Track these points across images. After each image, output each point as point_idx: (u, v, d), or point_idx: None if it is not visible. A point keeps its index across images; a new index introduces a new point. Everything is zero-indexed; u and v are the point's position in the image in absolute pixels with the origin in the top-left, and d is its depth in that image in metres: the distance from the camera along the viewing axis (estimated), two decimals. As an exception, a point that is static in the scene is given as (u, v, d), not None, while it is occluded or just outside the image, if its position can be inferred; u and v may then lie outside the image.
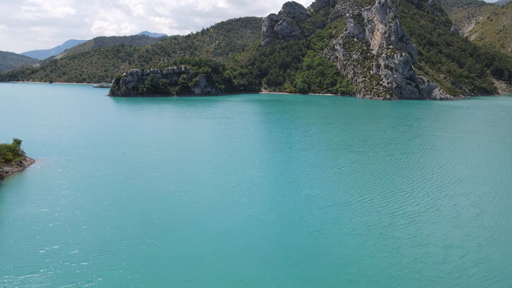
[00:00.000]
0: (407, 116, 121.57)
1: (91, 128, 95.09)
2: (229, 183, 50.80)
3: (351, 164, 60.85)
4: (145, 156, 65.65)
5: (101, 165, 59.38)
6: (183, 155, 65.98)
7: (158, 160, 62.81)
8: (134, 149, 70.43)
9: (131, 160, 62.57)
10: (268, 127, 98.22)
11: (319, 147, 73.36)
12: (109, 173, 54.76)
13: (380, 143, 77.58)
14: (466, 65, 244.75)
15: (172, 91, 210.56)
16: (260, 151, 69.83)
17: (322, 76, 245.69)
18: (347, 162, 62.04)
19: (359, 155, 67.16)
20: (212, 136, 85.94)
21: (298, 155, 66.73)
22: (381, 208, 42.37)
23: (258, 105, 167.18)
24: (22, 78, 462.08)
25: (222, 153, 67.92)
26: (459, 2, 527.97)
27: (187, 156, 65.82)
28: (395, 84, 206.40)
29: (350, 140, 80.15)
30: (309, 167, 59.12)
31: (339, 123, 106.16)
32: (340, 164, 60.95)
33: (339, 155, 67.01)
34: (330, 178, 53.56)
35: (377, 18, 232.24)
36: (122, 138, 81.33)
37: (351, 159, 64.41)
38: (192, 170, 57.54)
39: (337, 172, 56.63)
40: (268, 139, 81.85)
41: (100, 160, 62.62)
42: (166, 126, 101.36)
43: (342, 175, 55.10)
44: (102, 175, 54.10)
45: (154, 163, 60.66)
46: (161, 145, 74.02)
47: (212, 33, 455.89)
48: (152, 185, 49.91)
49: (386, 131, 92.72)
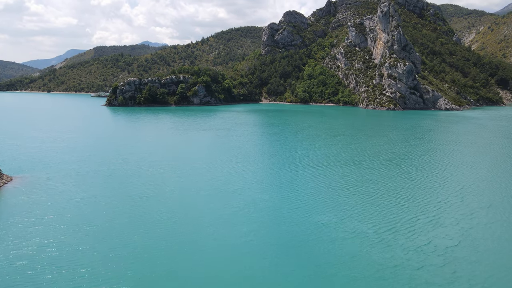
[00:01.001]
0: (416, 128, 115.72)
1: (81, 141, 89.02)
2: (227, 208, 44.52)
3: (363, 184, 54.64)
4: (135, 174, 59.45)
5: (85, 185, 53.14)
6: (176, 173, 59.77)
7: (149, 179, 56.57)
8: (125, 166, 64.26)
9: (119, 179, 56.33)
10: (270, 140, 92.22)
11: (326, 163, 67.23)
12: (92, 195, 48.48)
13: (392, 158, 71.50)
14: (471, 74, 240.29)
15: (170, 101, 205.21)
16: (263, 169, 63.66)
17: (324, 85, 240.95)
18: (359, 181, 55.83)
19: (372, 172, 60.99)
20: (210, 150, 79.83)
21: (304, 172, 60.54)
22: (406, 241, 36.05)
23: (258, 115, 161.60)
24: (20, 87, 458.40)
25: (220, 171, 61.74)
26: (459, 12, 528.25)
27: (181, 174, 59.62)
28: (398, 94, 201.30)
29: (360, 155, 74.07)
30: (318, 187, 52.89)
31: (345, 135, 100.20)
32: (351, 183, 54.72)
33: (349, 172, 60.83)
34: (342, 201, 47.31)
35: (379, 27, 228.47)
36: (113, 153, 75.21)
37: (363, 177, 58.23)
38: (186, 191, 51.30)
39: (349, 193, 50.39)
40: (270, 154, 75.75)
41: (85, 178, 56.41)
42: (162, 139, 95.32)
43: (355, 197, 48.86)
44: (84, 197, 47.82)
45: (144, 183, 54.42)
46: (154, 162, 67.87)
47: (212, 42, 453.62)
48: (139, 210, 43.62)
49: (396, 144, 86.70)
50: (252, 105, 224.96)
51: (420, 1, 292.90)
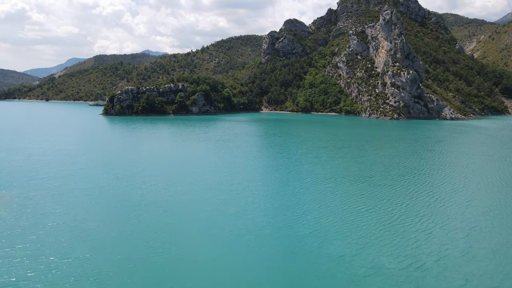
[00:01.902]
0: (424, 139, 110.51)
1: (72, 153, 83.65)
2: (226, 235, 39.01)
3: (378, 204, 49.16)
4: (126, 192, 53.96)
5: (68, 205, 47.65)
6: (171, 192, 54.29)
7: (140, 199, 51.06)
8: (115, 183, 58.80)
9: (107, 199, 50.84)
10: (273, 153, 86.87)
11: (334, 179, 61.79)
12: (73, 219, 42.95)
13: (405, 173, 66.09)
14: (475, 83, 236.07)
15: (168, 110, 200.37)
16: (265, 186, 58.20)
17: (325, 94, 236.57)
18: (373, 201, 50.36)
19: (385, 190, 55.53)
20: (209, 164, 74.41)
21: (311, 191, 55.06)
22: (436, 280, 30.50)
23: (259, 125, 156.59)
24: (19, 96, 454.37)
25: (219, 188, 56.29)
26: (459, 21, 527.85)
27: (176, 193, 54.14)
28: (402, 103, 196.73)
29: (369, 169, 68.67)
30: (327, 209, 47.40)
31: (351, 147, 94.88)
32: (365, 204, 49.23)
33: (361, 190, 55.35)
34: (356, 226, 41.80)
35: (381, 35, 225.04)
36: (104, 167, 69.80)
37: (377, 195, 52.78)
38: (180, 214, 45.81)
39: (363, 216, 44.87)
40: (273, 168, 70.33)
41: (69, 197, 50.95)
42: (158, 151, 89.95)
43: (371, 221, 43.36)
44: (64, 222, 42.31)
45: (133, 203, 48.94)
46: (147, 178, 62.42)
47: (212, 51, 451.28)
48: (125, 236, 38.09)
49: (407, 157, 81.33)
50: (252, 114, 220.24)
51: (421, 10, 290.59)
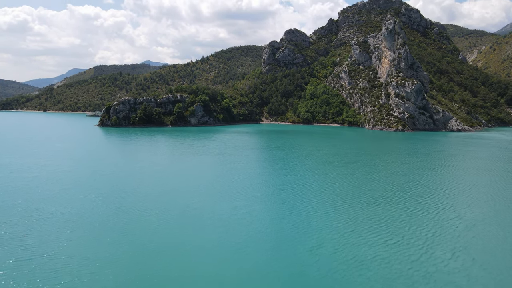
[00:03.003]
0: (436, 153, 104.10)
1: (58, 169, 77.06)
2: (226, 279, 32.22)
3: (400, 233, 42.43)
4: (111, 219, 47.23)
5: (42, 235, 40.94)
6: (162, 220, 47.59)
7: (127, 229, 44.34)
8: (100, 206, 52.10)
9: (89, 227, 44.11)
10: (276, 169, 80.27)
11: (346, 201, 55.11)
12: (43, 255, 36.17)
13: (424, 194, 59.43)
14: (480, 94, 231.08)
15: (166, 121, 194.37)
16: (270, 211, 51.51)
17: (327, 105, 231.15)
18: (393, 229, 43.64)
19: (406, 215, 48.85)
20: (206, 184, 67.77)
21: (321, 217, 48.34)
22: None
23: (260, 137, 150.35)
24: (16, 106, 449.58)
25: (218, 215, 49.61)
26: (459, 32, 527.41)
27: (169, 220, 47.45)
28: (407, 114, 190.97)
29: (384, 189, 62.06)
30: (341, 241, 40.69)
31: (360, 162, 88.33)
32: (384, 233, 42.52)
33: (378, 215, 48.67)
34: (379, 264, 35.02)
35: (384, 44, 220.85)
36: (91, 186, 63.14)
37: (396, 222, 46.08)
38: (174, 247, 39.06)
39: (385, 251, 38.12)
40: (277, 188, 63.69)
41: (45, 225, 44.26)
42: (152, 167, 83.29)
43: (394, 257, 36.60)
44: (32, 257, 35.53)
45: (119, 231, 42.22)
46: (137, 200, 55.77)
47: (212, 61, 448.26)
48: (106, 277, 31.32)
49: (422, 174, 74.74)
50: (252, 125, 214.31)
51: (423, 20, 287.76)
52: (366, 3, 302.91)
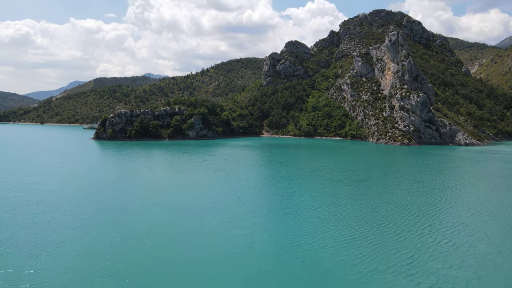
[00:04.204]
0: (451, 170, 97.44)
1: (42, 188, 70.27)
2: None
3: (436, 277, 35.49)
4: (93, 246, 40.27)
5: (5, 273, 33.98)
6: (153, 252, 40.66)
7: (106, 262, 37.36)
8: (81, 234, 45.19)
9: (65, 260, 37.11)
10: (280, 188, 73.46)
11: (363, 227, 48.17)
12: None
13: (451, 221, 52.53)
14: (486, 107, 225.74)
15: (163, 134, 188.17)
16: (275, 243, 44.60)
17: (329, 118, 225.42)
18: (424, 269, 36.70)
19: (437, 249, 41.94)
20: (204, 206, 60.89)
21: (336, 253, 41.41)
22: None
23: (261, 151, 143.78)
24: (14, 118, 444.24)
25: (217, 247, 42.71)
26: (460, 45, 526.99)
27: (160, 252, 40.50)
28: (412, 128, 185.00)
29: (404, 214, 55.18)
30: (361, 280, 33.73)
31: (371, 180, 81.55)
32: (416, 275, 35.57)
33: (403, 250, 41.74)
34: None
35: (387, 56, 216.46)
36: (74, 210, 56.25)
37: (426, 255, 39.17)
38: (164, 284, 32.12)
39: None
40: (283, 212, 56.81)
41: (11, 260, 37.33)
42: (145, 186, 76.48)
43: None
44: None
45: (97, 269, 35.21)
46: (124, 225, 48.87)
47: (212, 73, 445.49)
48: None
49: (442, 195, 67.86)
50: (252, 138, 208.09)
51: (426, 32, 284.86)
52: (367, 15, 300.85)
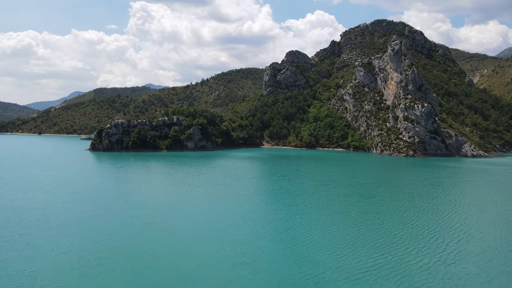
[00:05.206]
0: (464, 184, 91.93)
1: (27, 205, 64.71)
2: None
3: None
4: (75, 271, 34.52)
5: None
6: (143, 281, 34.95)
7: None
8: (61, 258, 39.48)
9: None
10: (284, 205, 67.82)
11: (379, 255, 42.47)
12: None
13: (477, 244, 46.90)
14: (491, 117, 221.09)
15: (161, 145, 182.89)
16: (280, 273, 38.89)
17: (331, 128, 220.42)
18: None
19: (467, 278, 36.25)
20: (202, 228, 55.23)
21: (350, 283, 35.71)
22: None
23: (262, 163, 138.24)
24: (12, 129, 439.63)
25: (212, 280, 36.98)
26: (460, 56, 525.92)
27: (150, 282, 34.79)
28: (417, 139, 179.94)
29: (422, 235, 49.54)
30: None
31: (381, 195, 75.93)
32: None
33: (427, 279, 36.01)
34: None
35: (390, 66, 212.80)
36: (59, 227, 50.62)
37: (458, 282, 33.53)
38: None
39: None
40: (288, 235, 51.14)
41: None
42: (138, 203, 70.85)
43: None
44: None
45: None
46: (112, 248, 43.17)
47: (212, 83, 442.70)
48: None
49: (461, 213, 62.24)
50: (252, 149, 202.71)
51: (428, 42, 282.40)
52: (368, 25, 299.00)
